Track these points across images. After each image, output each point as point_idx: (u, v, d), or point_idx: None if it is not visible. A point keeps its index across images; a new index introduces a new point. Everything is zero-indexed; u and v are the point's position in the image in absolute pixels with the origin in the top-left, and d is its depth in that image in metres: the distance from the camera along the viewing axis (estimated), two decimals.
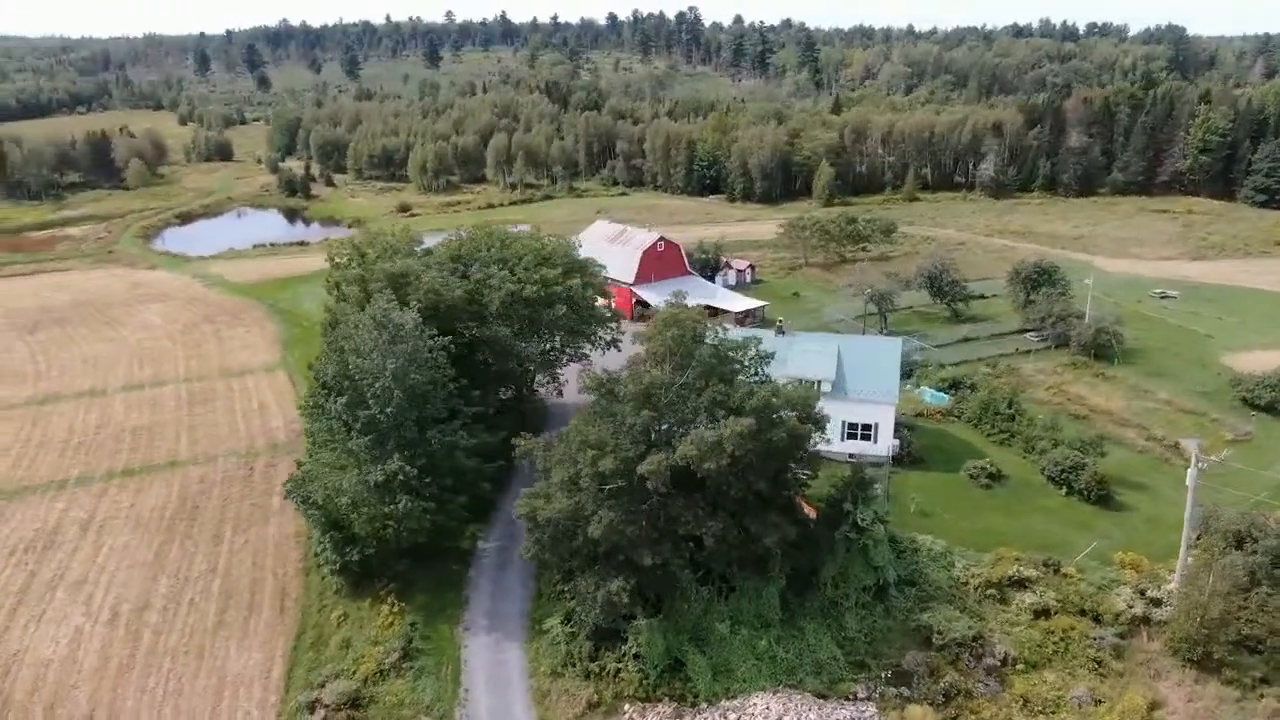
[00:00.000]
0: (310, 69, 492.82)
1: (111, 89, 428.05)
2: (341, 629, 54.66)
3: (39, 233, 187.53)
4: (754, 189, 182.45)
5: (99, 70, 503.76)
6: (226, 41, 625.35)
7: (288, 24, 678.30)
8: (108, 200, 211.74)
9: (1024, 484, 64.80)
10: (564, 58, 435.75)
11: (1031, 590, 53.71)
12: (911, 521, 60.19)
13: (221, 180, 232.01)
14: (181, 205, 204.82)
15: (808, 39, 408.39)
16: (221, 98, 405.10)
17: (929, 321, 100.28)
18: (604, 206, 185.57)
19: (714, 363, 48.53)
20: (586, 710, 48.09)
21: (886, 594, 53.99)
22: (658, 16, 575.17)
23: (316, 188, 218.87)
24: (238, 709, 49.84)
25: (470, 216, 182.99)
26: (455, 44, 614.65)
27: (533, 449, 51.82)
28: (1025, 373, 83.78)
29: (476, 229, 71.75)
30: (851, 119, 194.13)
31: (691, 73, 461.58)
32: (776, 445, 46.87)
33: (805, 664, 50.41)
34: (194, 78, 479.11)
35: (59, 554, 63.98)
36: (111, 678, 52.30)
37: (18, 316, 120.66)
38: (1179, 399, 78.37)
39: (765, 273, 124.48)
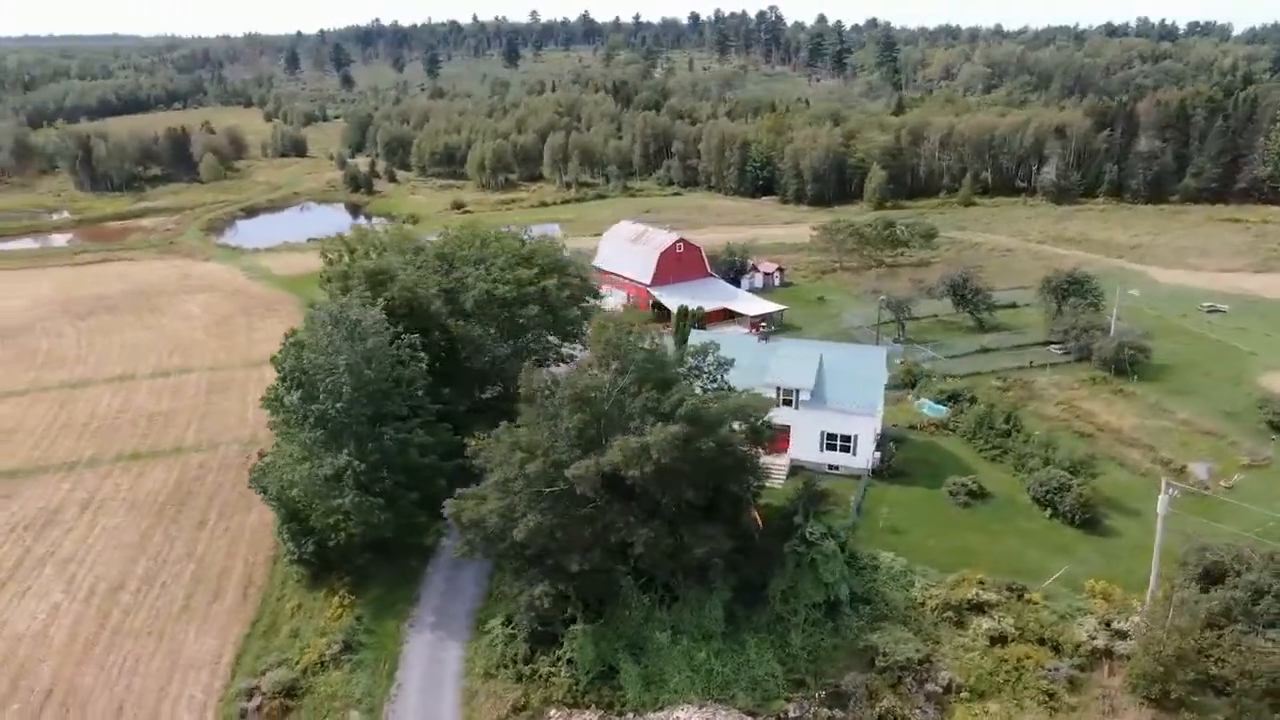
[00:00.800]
0: (394, 68, 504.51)
1: (206, 86, 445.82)
2: (294, 619, 55.70)
3: (116, 223, 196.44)
4: (805, 191, 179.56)
5: (197, 68, 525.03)
6: (320, 41, 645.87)
7: (379, 24, 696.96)
8: (184, 193, 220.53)
9: (1008, 503, 62.09)
10: (639, 57, 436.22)
11: (990, 615, 51.39)
12: (879, 537, 58.25)
13: (291, 175, 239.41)
14: (249, 199, 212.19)
15: (887, 38, 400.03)
16: (307, 95, 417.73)
17: (951, 331, 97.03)
18: (654, 206, 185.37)
19: (649, 367, 47.69)
20: (511, 713, 47.93)
21: (838, 611, 52.32)
22: (739, 15, 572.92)
23: (380, 184, 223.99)
24: (184, 692, 51.20)
25: (522, 214, 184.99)
26: (538, 43, 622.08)
27: (483, 448, 51.88)
28: (1037, 386, 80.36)
29: (463, 228, 72.13)
30: (910, 121, 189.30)
31: (770, 73, 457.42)
32: (707, 455, 45.80)
33: (742, 679, 49.25)
34: (283, 76, 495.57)
35: (55, 532, 66.77)
36: (76, 654, 54.31)
37: (76, 303, 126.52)
38: (1199, 419, 74.07)
39: (796, 276, 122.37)
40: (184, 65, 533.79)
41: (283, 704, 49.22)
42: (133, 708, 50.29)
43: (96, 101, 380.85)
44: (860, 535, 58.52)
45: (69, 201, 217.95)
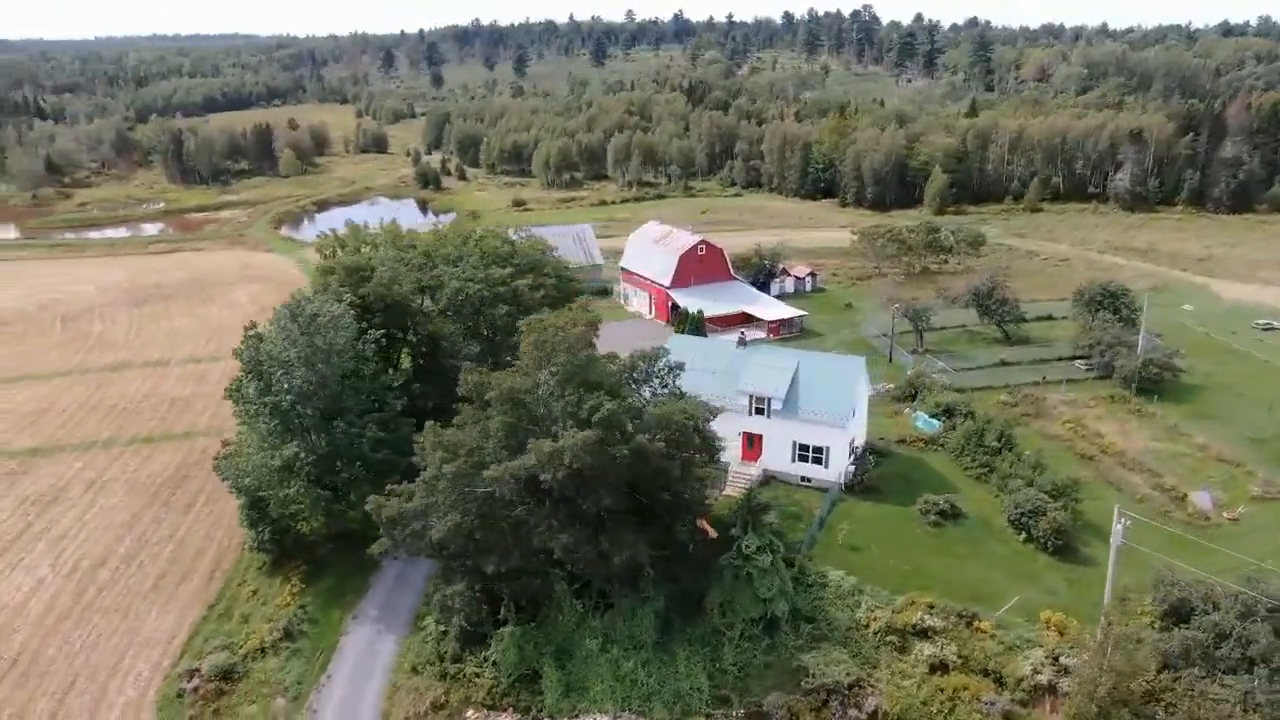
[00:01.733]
0: (486, 66, 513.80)
1: (305, 84, 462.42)
2: (248, 604, 57.16)
3: (198, 214, 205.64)
4: (865, 194, 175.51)
5: (299, 66, 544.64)
6: (419, 40, 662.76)
7: (478, 24, 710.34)
8: (264, 187, 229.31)
9: (982, 525, 59.26)
10: (723, 56, 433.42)
11: (934, 642, 49.17)
12: (835, 554, 56.37)
13: (367, 171, 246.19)
14: (322, 194, 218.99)
15: (981, 38, 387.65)
16: (399, 94, 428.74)
17: (976, 343, 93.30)
18: (710, 207, 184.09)
19: (574, 370, 47.12)
20: (430, 710, 48.20)
21: (777, 628, 50.90)
22: (834, 15, 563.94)
23: (450, 181, 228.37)
24: (134, 669, 53.06)
25: (580, 213, 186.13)
26: (630, 42, 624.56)
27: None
28: (1049, 403, 76.52)
29: (452, 226, 72.72)
30: (978, 123, 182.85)
31: (862, 73, 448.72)
32: (622, 461, 45.01)
33: (666, 691, 48.43)
34: (378, 74, 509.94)
35: (58, 509, 70.11)
36: (47, 627, 56.88)
37: (138, 290, 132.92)
38: (1219, 445, 69.36)
39: (831, 281, 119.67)
40: (288, 64, 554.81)
41: (218, 687, 50.54)
42: (85, 681, 52.36)
43: (202, 98, 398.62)
44: (816, 551, 56.82)
45: (160, 193, 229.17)
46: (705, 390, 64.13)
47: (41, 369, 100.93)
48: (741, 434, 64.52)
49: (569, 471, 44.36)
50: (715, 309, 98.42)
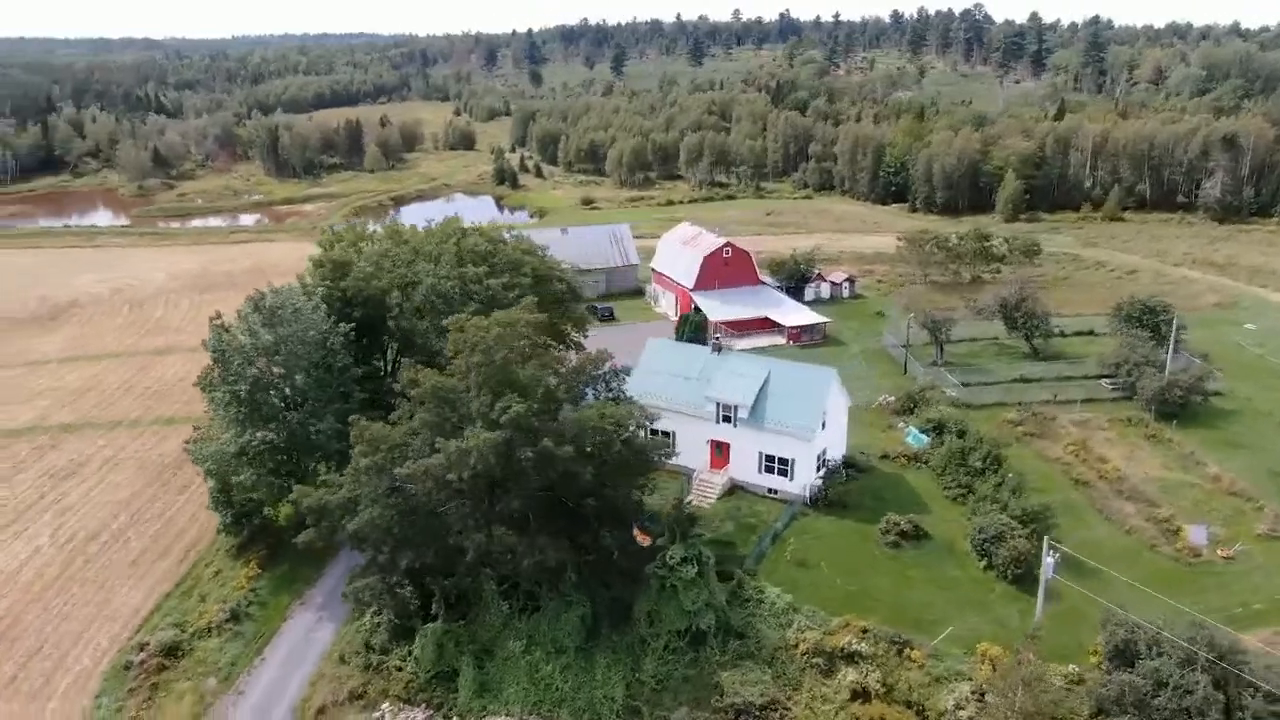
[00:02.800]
0: (586, 65, 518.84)
1: (411, 82, 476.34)
2: (209, 584, 59.16)
3: (285, 206, 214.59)
4: (935, 199, 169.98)
5: (409, 65, 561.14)
6: (527, 39, 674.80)
7: (586, 22, 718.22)
8: (350, 181, 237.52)
9: (945, 548, 56.53)
10: (820, 56, 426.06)
11: (860, 668, 47.19)
12: (782, 570, 54.78)
13: (450, 168, 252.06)
14: (401, 189, 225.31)
15: (1094, 37, 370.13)
16: (499, 92, 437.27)
17: (1003, 357, 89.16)
18: (775, 209, 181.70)
19: (491, 371, 47.02)
20: (346, 700, 48.85)
21: (704, 641, 49.75)
22: (944, 13, 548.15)
23: (527, 178, 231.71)
24: (92, 639, 55.51)
25: (647, 212, 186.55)
26: (735, 41, 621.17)
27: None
28: (1058, 423, 72.45)
29: (443, 224, 73.70)
30: (1060, 127, 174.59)
31: (968, 73, 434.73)
32: (527, 465, 44.71)
33: (579, 699, 47.89)
34: (481, 73, 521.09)
35: (70, 483, 74.09)
36: (32, 594, 60.04)
37: (205, 278, 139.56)
38: (1235, 475, 64.35)
39: (870, 288, 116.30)
40: (399, 62, 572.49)
41: (161, 663, 52.35)
42: (51, 648, 55.12)
43: (312, 94, 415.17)
44: (763, 566, 55.36)
45: (256, 185, 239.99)
46: (676, 395, 63.75)
47: (98, 350, 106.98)
48: (709, 441, 63.38)
49: (475, 473, 44.33)
50: (736, 313, 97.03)
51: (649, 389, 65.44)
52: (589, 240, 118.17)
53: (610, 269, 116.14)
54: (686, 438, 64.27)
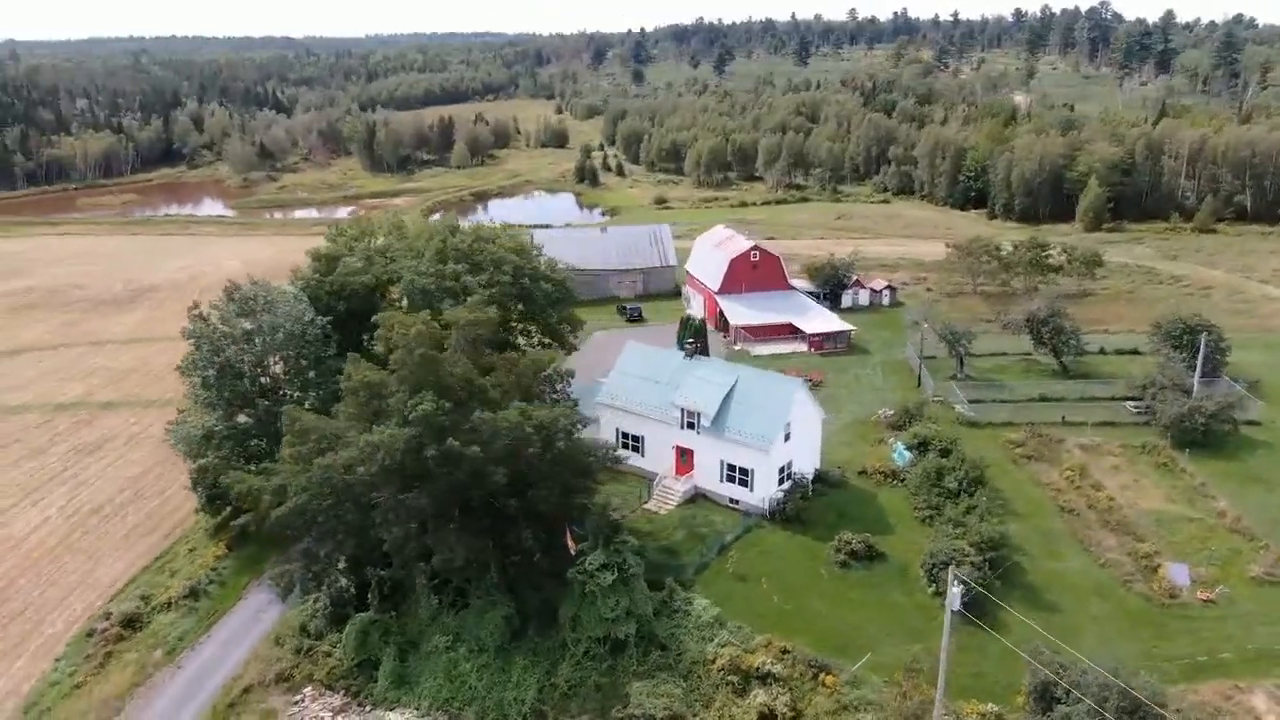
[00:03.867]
0: (690, 65, 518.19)
1: (519, 80, 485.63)
2: (182, 560, 61.77)
3: (374, 200, 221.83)
4: (1014, 205, 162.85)
5: (520, 63, 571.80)
6: (638, 38, 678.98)
7: (701, 21, 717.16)
8: (439, 177, 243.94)
9: (898, 572, 54.07)
10: (932, 56, 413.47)
11: (769, 689, 45.71)
12: (721, 582, 53.51)
13: (535, 165, 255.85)
14: (483, 185, 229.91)
15: (1227, 37, 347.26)
16: (603, 91, 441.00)
17: (1031, 373, 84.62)
18: (846, 212, 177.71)
19: (412, 365, 47.45)
20: (273, 681, 50.27)
21: (623, 650, 49.14)
22: (1070, 11, 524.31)
23: (609, 176, 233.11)
24: (70, 606, 58.77)
25: (718, 213, 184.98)
26: (847, 40, 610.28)
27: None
28: (1064, 446, 68.39)
29: (437, 224, 74.74)
30: (1153, 132, 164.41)
31: (1092, 74, 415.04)
32: (433, 462, 44.97)
33: (490, 698, 48.05)
34: (588, 71, 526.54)
35: (92, 458, 78.64)
36: (30, 561, 64.03)
37: (275, 267, 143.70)
38: (1243, 513, 59.36)
39: (916, 296, 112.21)
40: (511, 60, 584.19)
41: (119, 633, 55.00)
42: (33, 611, 58.63)
43: (422, 92, 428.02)
44: (704, 577, 54.20)
45: (351, 179, 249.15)
46: (645, 400, 63.19)
47: (160, 333, 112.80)
48: (674, 447, 62.46)
49: (383, 467, 44.91)
50: (758, 318, 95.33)
51: (620, 392, 65.14)
52: (627, 240, 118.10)
53: (648, 269, 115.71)
54: (653, 443, 63.76)
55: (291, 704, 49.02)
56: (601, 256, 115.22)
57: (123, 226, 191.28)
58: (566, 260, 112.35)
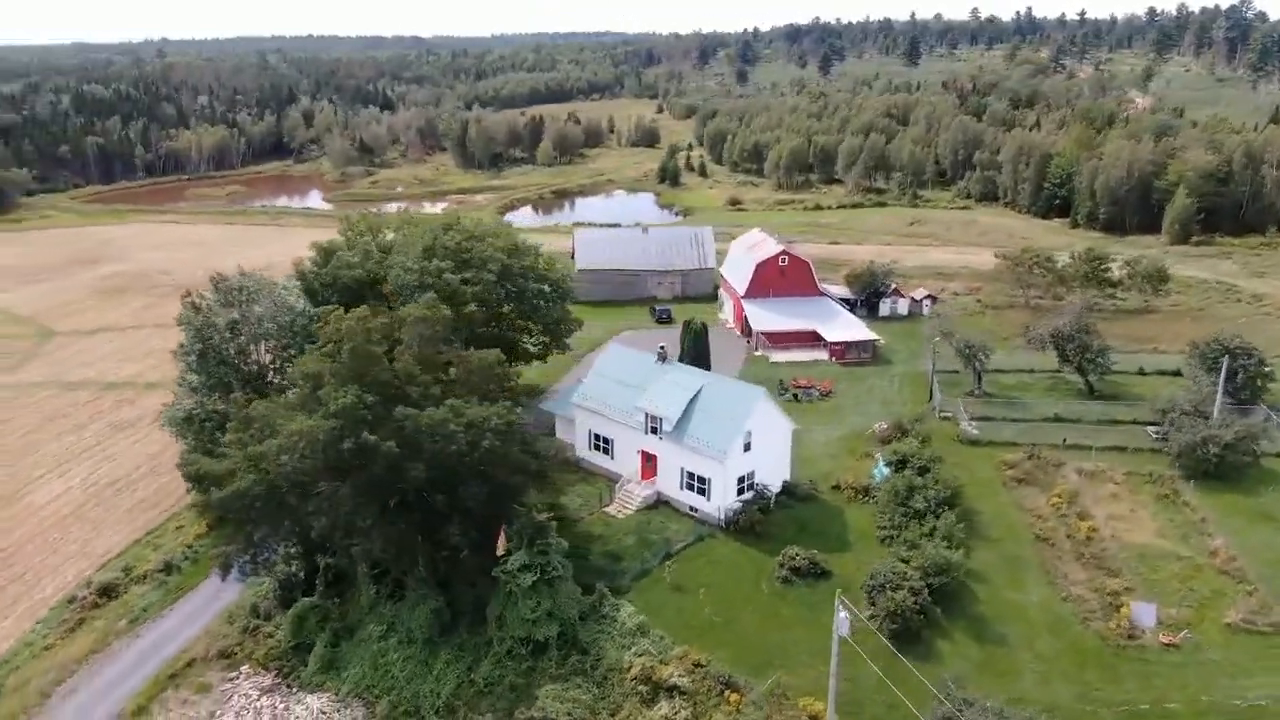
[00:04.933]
0: (797, 65, 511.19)
1: (625, 80, 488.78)
2: (169, 536, 64.85)
3: (459, 196, 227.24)
4: (1099, 215, 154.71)
5: (629, 62, 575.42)
6: (750, 38, 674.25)
7: (818, 20, 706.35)
8: (525, 175, 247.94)
9: (844, 589, 52.10)
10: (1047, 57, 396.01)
11: (673, 702, 44.95)
12: (657, 591, 52.89)
13: (620, 164, 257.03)
14: (566, 184, 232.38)
15: None
16: (705, 91, 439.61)
17: (1056, 391, 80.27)
18: (920, 218, 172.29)
19: (345, 358, 48.57)
20: (215, 657, 52.39)
21: (544, 651, 49.17)
22: (1210, 10, 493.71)
23: (691, 177, 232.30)
24: (63, 572, 62.46)
25: (791, 216, 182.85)
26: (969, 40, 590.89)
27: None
28: (1062, 470, 64.68)
29: (446, 219, 76.09)
30: (1254, 140, 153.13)
31: (1226, 76, 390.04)
32: (349, 454, 45.91)
33: (406, 690, 48.92)
34: (694, 71, 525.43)
35: (124, 434, 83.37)
36: (42, 529, 68.33)
37: None
38: (1242, 554, 54.84)
39: (960, 306, 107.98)
40: (620, 60, 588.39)
41: (95, 601, 58.24)
42: (32, 575, 62.57)
43: (528, 91, 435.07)
44: (643, 584, 53.67)
45: (442, 175, 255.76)
46: (616, 402, 63.13)
47: None
48: (640, 452, 61.96)
49: (304, 456, 46.15)
50: (781, 323, 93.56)
51: (594, 394, 65.07)
52: (668, 241, 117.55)
53: (687, 271, 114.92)
54: (621, 446, 63.49)
55: (226, 680, 50.97)
56: (642, 257, 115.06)
57: (220, 216, 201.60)
58: (606, 260, 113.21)
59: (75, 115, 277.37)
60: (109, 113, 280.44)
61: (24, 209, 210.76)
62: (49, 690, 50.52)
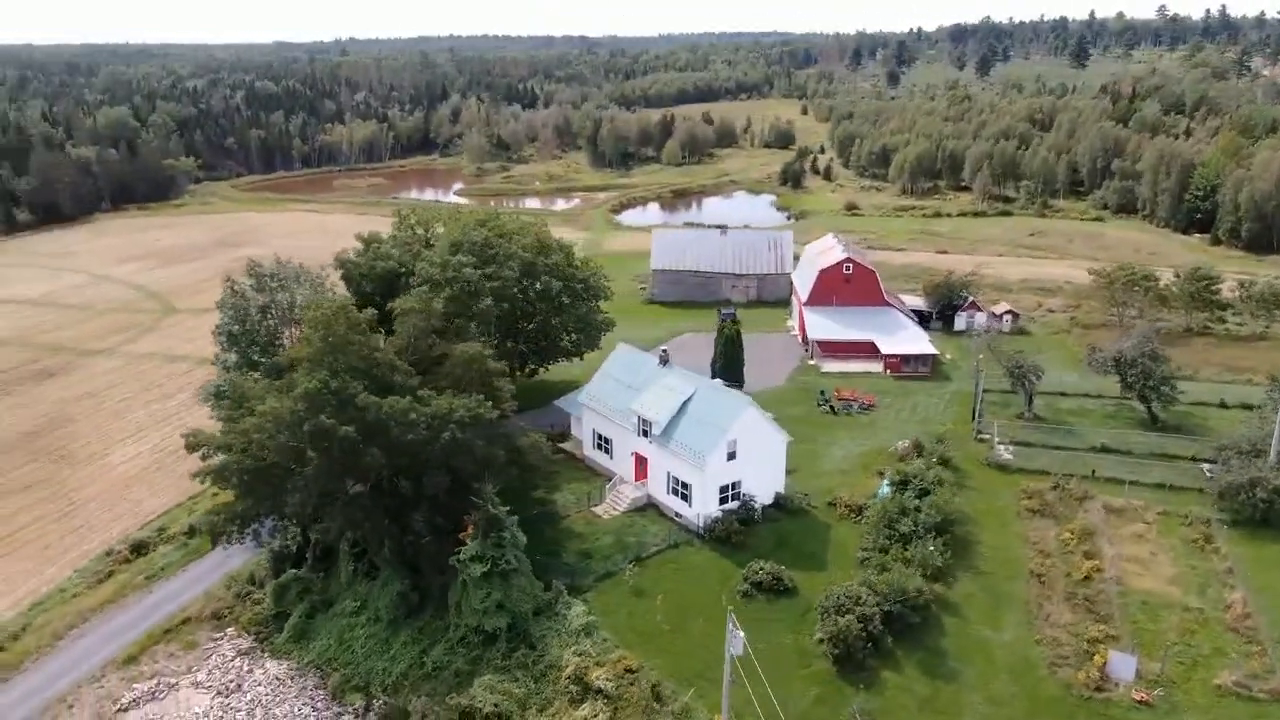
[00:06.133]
0: (955, 66, 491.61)
1: (774, 80, 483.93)
2: (204, 501, 69.56)
3: (584, 193, 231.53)
4: (1241, 230, 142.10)
5: (783, 63, 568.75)
6: (914, 38, 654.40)
7: (988, 20, 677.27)
8: (651, 174, 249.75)
9: (800, 611, 50.40)
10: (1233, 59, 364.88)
11: (594, 704, 45.01)
12: (616, 592, 52.91)
13: (748, 165, 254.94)
14: (688, 184, 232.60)
15: None
16: (854, 93, 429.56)
17: (1114, 419, 74.57)
18: (1041, 229, 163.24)
19: (318, 345, 50.96)
20: (208, 618, 56.26)
21: (494, 642, 50.23)
22: None
23: (815, 180, 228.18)
24: (112, 528, 68.25)
25: (907, 223, 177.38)
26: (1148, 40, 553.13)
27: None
28: (1087, 504, 60.20)
29: (483, 215, 78.11)
30: None
31: None
32: (307, 436, 48.22)
33: (361, 666, 51.19)
34: (846, 72, 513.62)
35: (190, 408, 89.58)
36: (109, 487, 74.94)
37: None
38: (1263, 611, 49.59)
39: (1046, 324, 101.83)
40: (774, 60, 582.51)
41: (126, 556, 63.46)
42: (87, 529, 68.54)
43: (675, 90, 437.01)
44: (606, 585, 53.80)
45: (572, 172, 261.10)
46: (615, 403, 63.75)
47: None
48: (633, 454, 61.95)
49: (269, 435, 48.89)
50: (836, 332, 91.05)
51: (598, 394, 65.55)
52: (746, 244, 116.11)
53: (763, 276, 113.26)
54: (619, 446, 63.73)
55: (211, 639, 54.65)
56: (718, 259, 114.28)
57: (355, 207, 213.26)
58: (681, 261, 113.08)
59: (245, 109, 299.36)
60: (275, 107, 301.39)
61: (189, 195, 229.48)
62: (62, 633, 55.53)
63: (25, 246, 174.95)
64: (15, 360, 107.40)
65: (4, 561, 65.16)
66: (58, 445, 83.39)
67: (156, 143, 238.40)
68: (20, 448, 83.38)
